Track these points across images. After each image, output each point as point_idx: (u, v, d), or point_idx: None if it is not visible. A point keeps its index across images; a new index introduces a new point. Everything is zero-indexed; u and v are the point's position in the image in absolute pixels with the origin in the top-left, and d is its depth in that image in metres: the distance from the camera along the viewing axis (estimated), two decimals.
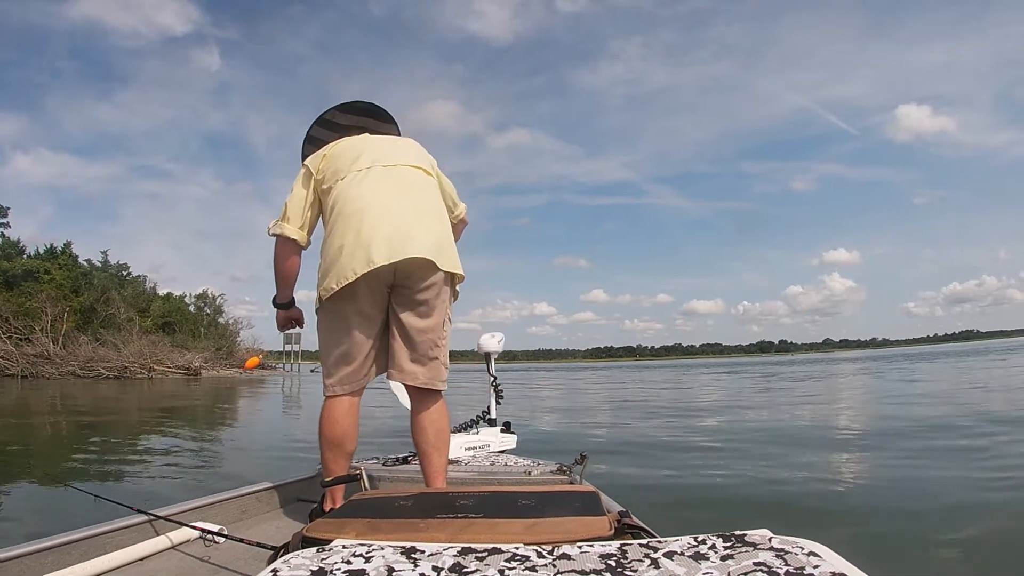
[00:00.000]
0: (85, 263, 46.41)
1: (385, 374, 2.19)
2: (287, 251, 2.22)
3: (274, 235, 2.19)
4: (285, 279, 2.29)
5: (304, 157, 2.33)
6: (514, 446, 3.45)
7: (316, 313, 2.17)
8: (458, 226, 2.47)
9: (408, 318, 2.11)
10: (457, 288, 2.24)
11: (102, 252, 48.95)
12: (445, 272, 2.10)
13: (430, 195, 2.23)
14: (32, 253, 44.50)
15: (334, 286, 2.01)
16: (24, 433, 10.12)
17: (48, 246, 45.70)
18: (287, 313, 2.36)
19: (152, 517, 1.87)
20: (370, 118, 2.48)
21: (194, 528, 1.86)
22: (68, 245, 46.27)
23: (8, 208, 44.48)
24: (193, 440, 9.07)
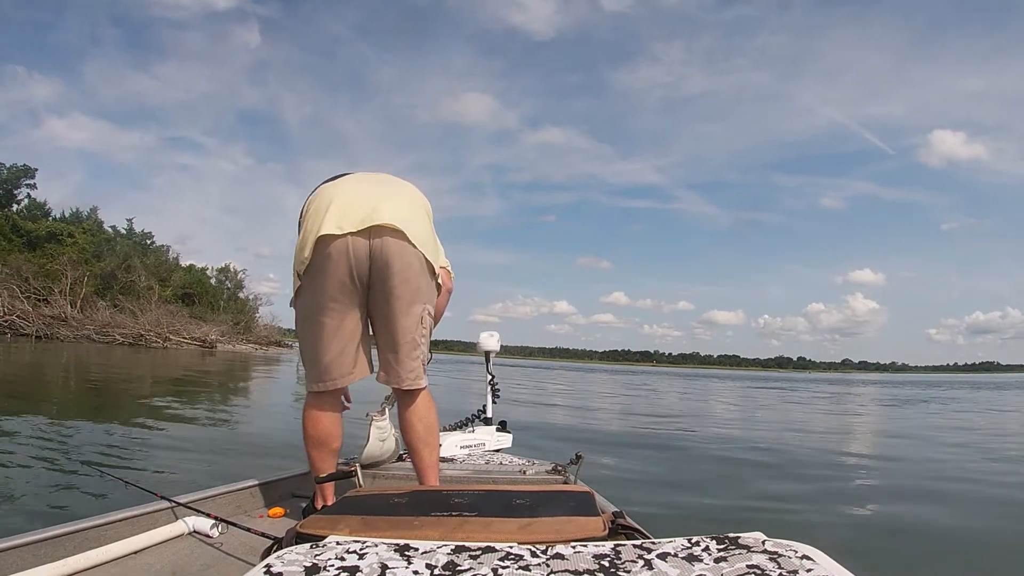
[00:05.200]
0: (110, 229, 46.78)
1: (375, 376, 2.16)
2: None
3: None
4: None
5: None
6: (509, 445, 3.45)
7: (294, 306, 2.11)
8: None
9: (387, 314, 2.06)
10: (439, 282, 2.15)
11: (127, 219, 49.50)
12: (420, 256, 2.02)
13: (406, 189, 2.18)
14: (57, 216, 44.69)
15: (307, 255, 1.96)
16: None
17: (74, 210, 45.96)
18: None
19: (145, 511, 1.86)
20: None
21: (187, 522, 1.86)
22: (94, 210, 46.83)
23: (36, 169, 44.76)
24: (202, 421, 8.66)
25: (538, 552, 0.84)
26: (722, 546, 0.82)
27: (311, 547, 0.88)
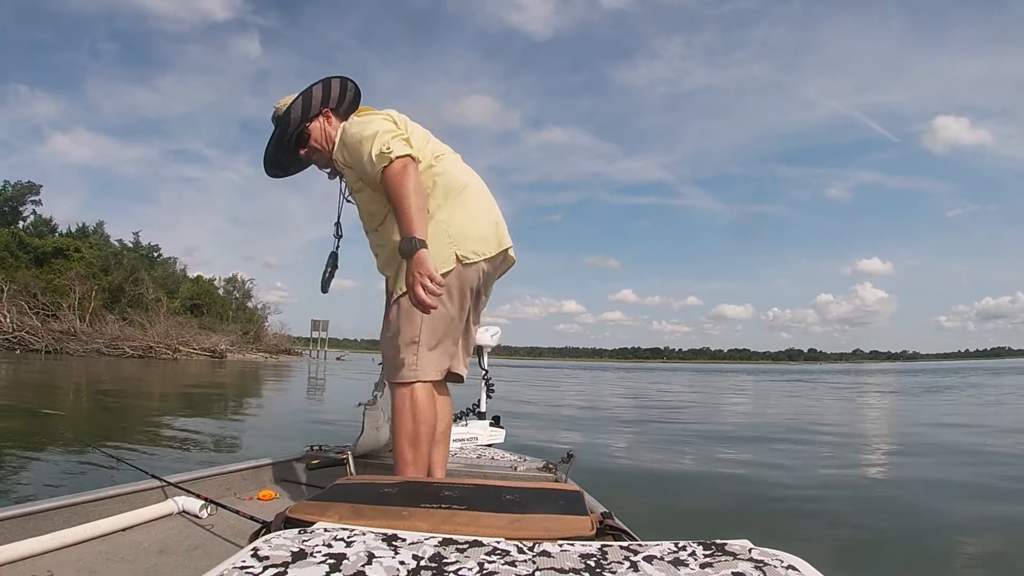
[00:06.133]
0: (116, 243, 46.72)
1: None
2: (416, 174, 1.88)
3: (399, 156, 1.84)
4: (423, 205, 1.86)
5: (309, 107, 2.14)
6: (502, 440, 3.46)
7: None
8: None
9: (474, 318, 2.13)
10: None
11: (134, 233, 49.54)
12: None
13: None
14: (64, 231, 44.70)
15: (488, 251, 1.98)
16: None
17: (80, 225, 46.02)
18: (426, 256, 1.75)
19: (135, 489, 1.87)
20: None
21: (177, 502, 1.88)
22: (100, 225, 46.80)
23: (40, 186, 44.88)
24: (208, 423, 8.63)
25: (525, 548, 0.85)
26: (708, 552, 0.83)
27: (299, 532, 0.89)
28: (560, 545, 0.86)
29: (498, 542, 0.87)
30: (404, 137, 1.91)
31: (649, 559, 0.81)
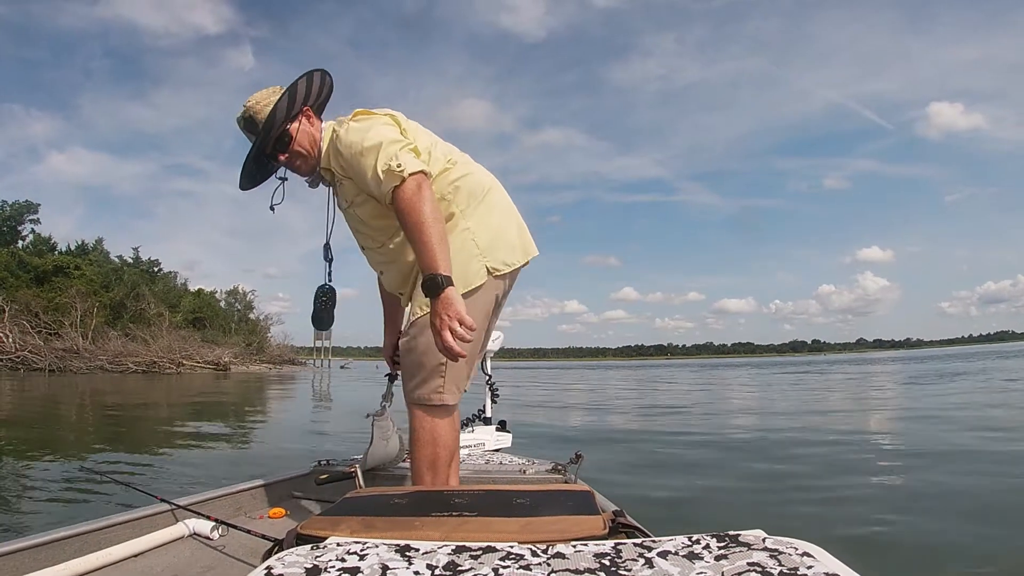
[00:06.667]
0: (116, 259, 46.75)
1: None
2: (432, 194, 1.67)
3: (412, 174, 1.62)
4: (444, 232, 1.63)
5: (277, 114, 1.79)
6: (509, 445, 3.46)
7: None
8: None
9: (489, 329, 1.99)
10: None
11: (133, 248, 49.66)
12: None
13: None
14: (63, 250, 44.73)
15: (517, 261, 1.87)
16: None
17: (79, 242, 46.08)
18: (454, 295, 1.57)
19: (145, 514, 1.86)
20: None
21: (187, 524, 1.86)
22: (99, 242, 46.99)
23: (38, 205, 45.09)
24: (215, 435, 8.65)
25: (539, 552, 0.84)
26: (722, 544, 0.82)
27: (312, 548, 0.88)
28: (574, 546, 0.86)
29: (511, 546, 0.86)
30: (412, 147, 1.70)
31: (664, 554, 0.80)
